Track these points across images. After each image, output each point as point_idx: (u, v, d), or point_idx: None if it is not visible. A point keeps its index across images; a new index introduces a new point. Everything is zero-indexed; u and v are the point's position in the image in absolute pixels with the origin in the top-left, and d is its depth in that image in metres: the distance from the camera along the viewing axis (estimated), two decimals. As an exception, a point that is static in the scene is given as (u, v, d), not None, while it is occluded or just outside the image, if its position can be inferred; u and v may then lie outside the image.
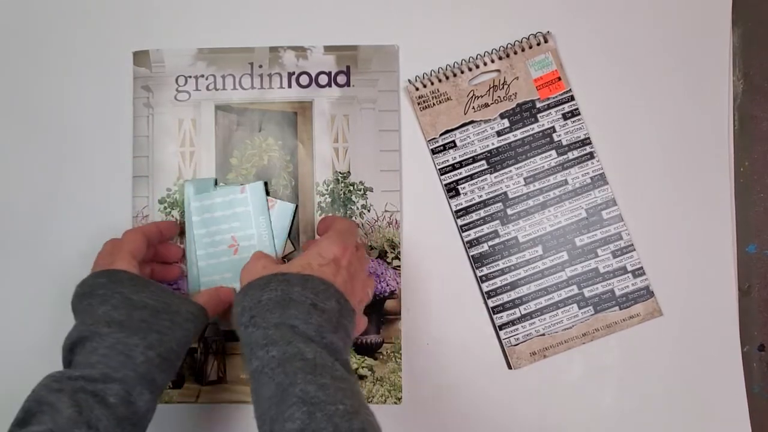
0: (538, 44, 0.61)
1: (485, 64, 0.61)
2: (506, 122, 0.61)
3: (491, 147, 0.61)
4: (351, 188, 0.61)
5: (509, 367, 0.60)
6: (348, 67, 0.61)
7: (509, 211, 0.61)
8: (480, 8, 0.62)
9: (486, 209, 0.61)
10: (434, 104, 0.61)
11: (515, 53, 0.61)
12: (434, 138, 0.61)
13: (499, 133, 0.61)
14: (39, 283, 0.61)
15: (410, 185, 0.61)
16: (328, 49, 0.62)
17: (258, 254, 0.53)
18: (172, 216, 0.61)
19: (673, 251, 0.60)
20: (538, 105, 0.61)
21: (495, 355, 0.60)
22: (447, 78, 0.61)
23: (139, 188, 0.61)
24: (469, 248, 0.61)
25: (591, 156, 0.61)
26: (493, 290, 0.60)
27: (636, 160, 0.61)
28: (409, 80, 0.61)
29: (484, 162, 0.61)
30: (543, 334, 0.60)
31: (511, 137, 0.61)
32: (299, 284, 0.47)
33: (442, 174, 0.61)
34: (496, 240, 0.61)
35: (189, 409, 0.61)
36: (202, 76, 0.62)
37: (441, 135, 0.61)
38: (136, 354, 0.47)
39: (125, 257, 0.52)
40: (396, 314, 0.60)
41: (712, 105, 0.61)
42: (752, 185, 0.61)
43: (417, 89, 0.61)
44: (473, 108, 0.61)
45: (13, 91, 0.62)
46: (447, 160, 0.61)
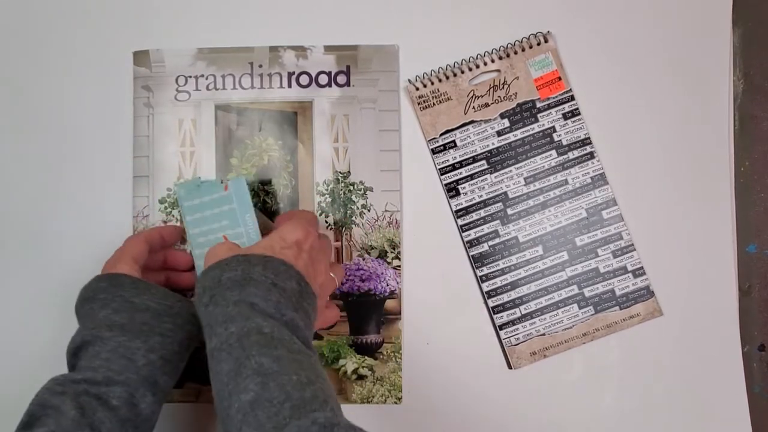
0: (538, 44, 0.61)
1: (485, 64, 0.61)
2: (506, 122, 0.61)
3: (491, 147, 0.61)
4: (351, 188, 0.61)
5: (509, 367, 0.60)
6: (348, 67, 0.61)
7: (509, 211, 0.61)
8: (480, 8, 0.62)
9: (486, 209, 0.61)
10: (434, 104, 0.61)
11: (515, 53, 0.61)
12: (434, 138, 0.61)
13: (500, 133, 0.61)
14: (39, 284, 0.61)
15: (410, 185, 0.61)
16: (328, 49, 0.62)
17: (225, 242, 0.53)
18: (173, 216, 0.61)
19: (674, 251, 0.60)
20: (539, 105, 0.61)
21: (495, 355, 0.60)
22: (447, 78, 0.61)
23: (140, 188, 0.61)
24: (470, 248, 0.61)
25: (591, 156, 0.61)
26: (494, 290, 0.60)
27: (636, 160, 0.61)
28: (409, 80, 0.61)
29: (485, 162, 0.61)
30: (543, 334, 0.60)
31: (512, 137, 0.61)
32: (260, 264, 0.47)
33: (442, 174, 0.61)
34: (497, 240, 0.61)
35: (189, 409, 0.61)
36: (202, 76, 0.62)
37: (441, 135, 0.61)
38: (138, 357, 0.47)
39: (127, 261, 0.52)
40: (396, 314, 0.60)
41: (712, 105, 0.61)
42: (752, 185, 0.61)
43: (417, 89, 0.61)
44: (473, 108, 0.61)
45: (14, 91, 0.62)
46: (447, 160, 0.61)
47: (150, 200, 0.61)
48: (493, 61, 0.61)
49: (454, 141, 0.61)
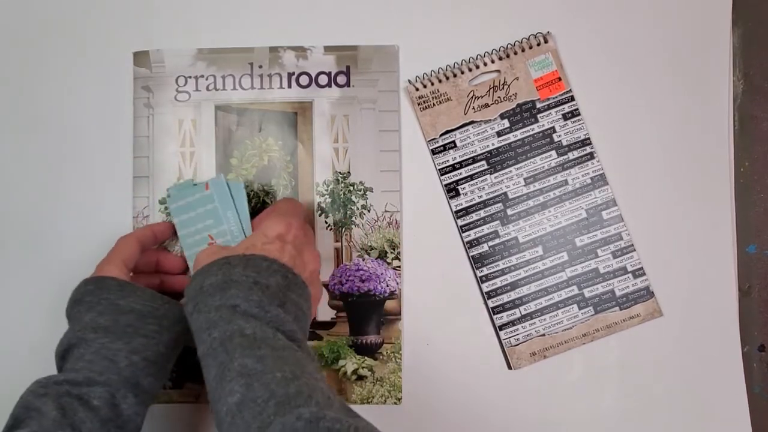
0: (538, 44, 0.61)
1: (485, 65, 0.61)
2: (506, 122, 0.61)
3: (491, 147, 0.61)
4: (351, 188, 0.61)
5: (509, 368, 0.60)
6: (348, 67, 0.61)
7: (509, 212, 0.61)
8: (480, 8, 0.62)
9: (486, 209, 0.61)
10: (434, 104, 0.61)
11: (515, 53, 0.61)
12: (434, 138, 0.61)
13: (499, 134, 0.61)
14: (39, 284, 0.61)
15: (410, 185, 0.61)
16: (328, 49, 0.61)
17: (208, 247, 0.53)
18: (171, 216, 0.61)
19: (673, 251, 0.60)
20: (538, 105, 0.61)
21: (495, 356, 0.60)
22: (447, 78, 0.61)
23: (140, 188, 0.61)
24: (469, 248, 0.61)
25: (591, 156, 0.61)
26: (493, 290, 0.60)
27: (636, 160, 0.61)
28: (409, 80, 0.61)
29: (484, 162, 0.61)
30: (543, 335, 0.60)
31: (511, 137, 0.61)
32: (240, 265, 0.47)
33: (442, 174, 0.61)
34: (496, 240, 0.61)
35: (189, 409, 0.61)
36: (202, 77, 0.62)
37: (441, 135, 0.61)
38: (120, 358, 0.47)
39: (116, 264, 0.53)
40: (396, 314, 0.60)
41: (712, 105, 0.61)
42: (752, 185, 0.61)
43: (417, 89, 0.61)
44: (473, 108, 0.61)
45: (14, 92, 0.62)
46: (447, 161, 0.61)
47: (150, 201, 0.61)
48: (493, 62, 0.61)
49: (454, 141, 0.61)
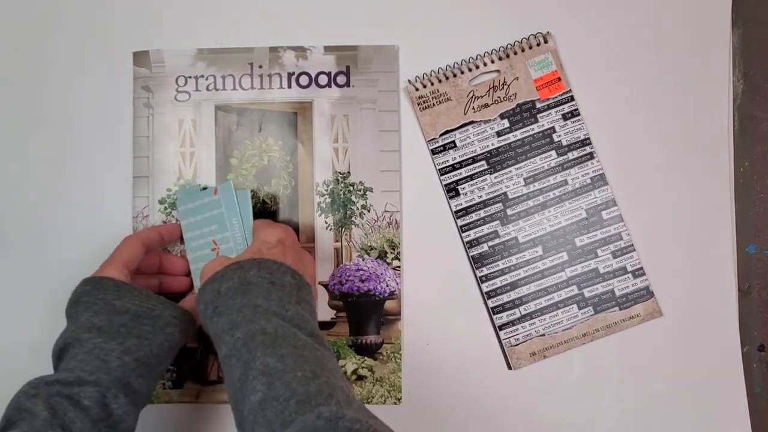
0: (538, 44, 0.61)
1: (485, 65, 0.61)
2: (506, 122, 0.61)
3: (491, 147, 0.61)
4: (351, 188, 0.61)
5: (509, 368, 0.60)
6: (348, 68, 0.61)
7: (509, 212, 0.61)
8: (480, 8, 0.62)
9: (486, 209, 0.61)
10: (434, 104, 0.61)
11: (515, 53, 0.61)
12: (434, 138, 0.61)
13: (499, 134, 0.61)
14: (39, 284, 0.61)
15: (410, 185, 0.61)
16: (328, 49, 0.61)
17: (218, 257, 0.54)
18: (173, 217, 0.61)
19: (673, 251, 0.60)
20: (538, 105, 0.61)
21: (495, 356, 0.60)
22: (447, 78, 0.61)
23: (140, 188, 0.61)
24: (469, 248, 0.61)
25: (591, 156, 0.61)
26: (493, 290, 0.60)
27: (636, 160, 0.61)
28: (409, 80, 0.61)
29: (484, 162, 0.61)
30: (543, 335, 0.60)
31: (511, 137, 0.61)
32: (254, 268, 0.48)
33: (442, 174, 0.61)
34: (496, 240, 0.61)
35: (189, 409, 0.61)
36: (202, 77, 0.62)
37: (441, 135, 0.61)
38: (112, 358, 0.47)
39: (116, 265, 0.53)
40: (396, 314, 0.60)
41: (712, 105, 0.61)
42: (752, 185, 0.61)
43: (417, 89, 0.61)
44: (473, 108, 0.61)
45: (14, 92, 0.62)
46: (447, 161, 0.61)
47: (150, 201, 0.61)
48: (493, 62, 0.61)
49: (454, 141, 0.61)
